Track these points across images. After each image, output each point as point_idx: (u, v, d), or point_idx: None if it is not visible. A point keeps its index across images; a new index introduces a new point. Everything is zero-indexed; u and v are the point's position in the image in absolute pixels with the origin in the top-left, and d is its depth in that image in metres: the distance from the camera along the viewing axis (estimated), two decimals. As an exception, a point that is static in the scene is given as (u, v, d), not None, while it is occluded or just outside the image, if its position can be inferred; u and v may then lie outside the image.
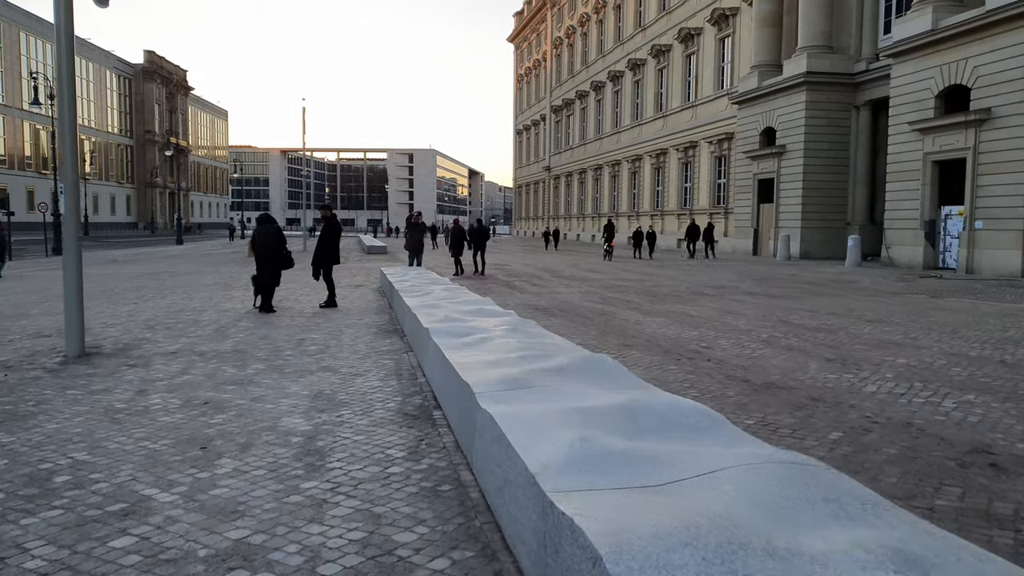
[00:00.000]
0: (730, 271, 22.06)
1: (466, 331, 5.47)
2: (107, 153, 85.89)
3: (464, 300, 7.77)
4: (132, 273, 20.61)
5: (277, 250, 10.96)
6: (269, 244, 10.94)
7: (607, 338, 8.37)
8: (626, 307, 11.87)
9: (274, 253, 10.87)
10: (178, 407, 5.09)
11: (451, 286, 10.15)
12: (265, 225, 11.32)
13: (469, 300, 7.78)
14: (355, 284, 16.42)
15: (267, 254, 10.85)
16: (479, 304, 7.44)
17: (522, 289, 15.47)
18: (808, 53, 28.34)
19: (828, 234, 29.38)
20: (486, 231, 21.38)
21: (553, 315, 10.50)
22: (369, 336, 8.40)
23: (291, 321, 9.81)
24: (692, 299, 13.44)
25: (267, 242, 10.97)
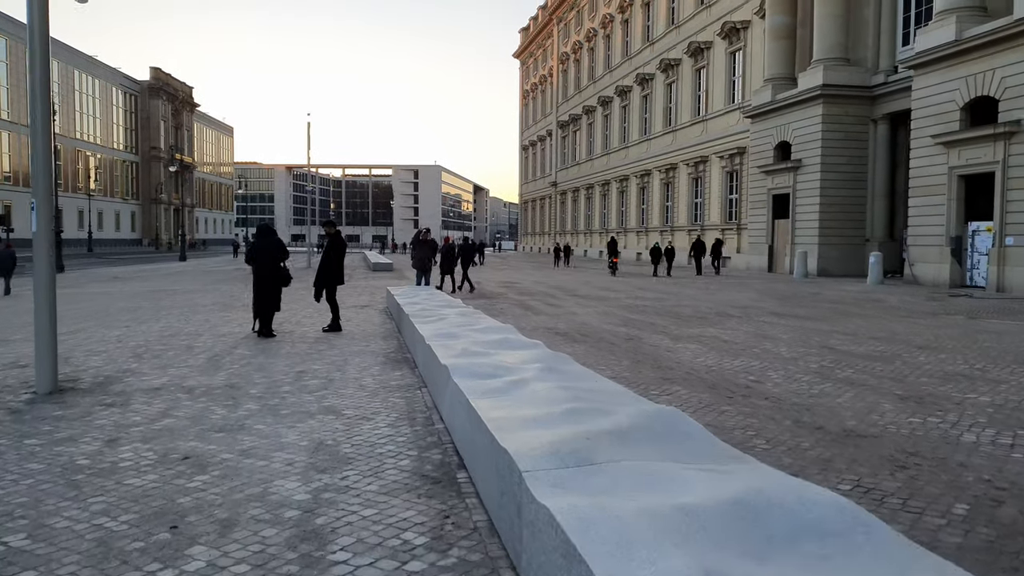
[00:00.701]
0: (749, 289, 21.22)
1: (492, 370, 4.65)
2: (112, 170, 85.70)
3: (484, 328, 6.94)
4: (131, 292, 19.87)
5: (276, 266, 10.14)
6: (269, 260, 10.12)
7: (641, 369, 7.53)
8: (652, 330, 11.03)
9: (273, 269, 10.07)
10: (152, 464, 4.27)
11: (465, 309, 9.33)
12: (264, 239, 10.43)
13: (489, 328, 6.95)
14: (360, 304, 15.61)
15: (266, 273, 10.05)
16: (501, 333, 6.61)
17: (536, 310, 14.64)
18: (824, 65, 27.64)
19: (846, 251, 28.54)
20: (471, 249, 21.82)
21: (576, 341, 9.66)
22: (377, 367, 7.58)
23: (291, 348, 9.00)
24: (719, 321, 12.59)
25: (266, 258, 10.14)
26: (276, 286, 10.05)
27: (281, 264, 10.24)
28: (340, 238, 11.08)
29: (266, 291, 10.02)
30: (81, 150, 78.24)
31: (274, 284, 10.01)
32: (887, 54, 27.48)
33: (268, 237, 10.36)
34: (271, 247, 10.22)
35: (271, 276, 9.98)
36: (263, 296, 10.04)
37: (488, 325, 7.11)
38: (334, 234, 11.04)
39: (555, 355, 5.27)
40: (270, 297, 10.07)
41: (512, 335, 6.49)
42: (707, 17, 39.92)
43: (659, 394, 6.20)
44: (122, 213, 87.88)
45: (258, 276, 10.05)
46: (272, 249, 10.23)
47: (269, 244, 10.25)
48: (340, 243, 11.03)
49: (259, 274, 10.04)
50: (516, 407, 3.59)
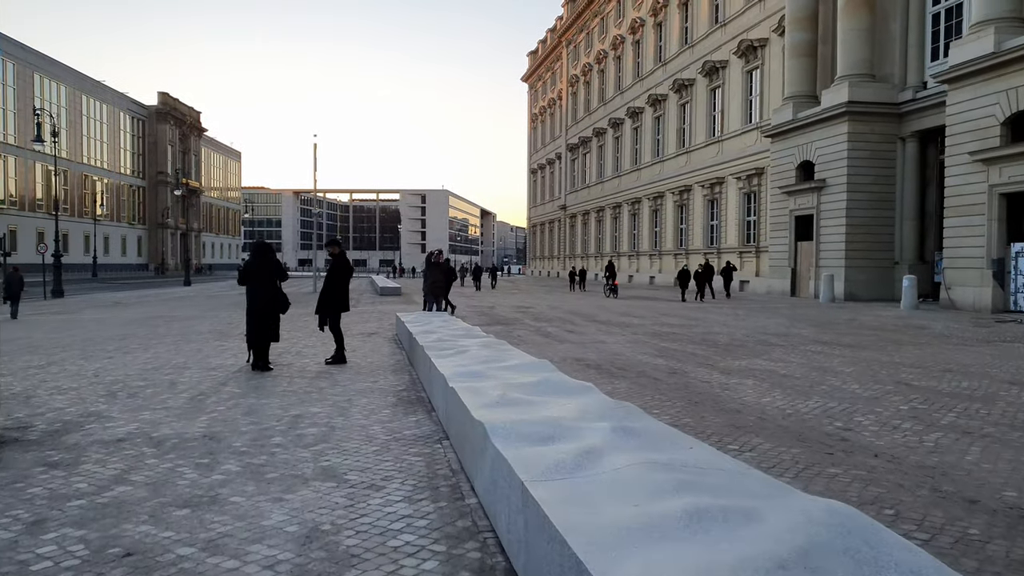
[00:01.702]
0: (777, 314, 19.97)
1: (543, 428, 3.47)
2: (119, 194, 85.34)
3: (516, 364, 5.74)
4: (127, 318, 18.78)
5: (274, 290, 8.97)
6: (263, 283, 8.93)
7: (703, 413, 6.31)
8: (694, 362, 9.81)
9: (269, 294, 8.91)
10: (76, 566, 3.08)
11: (488, 339, 8.15)
12: (259, 258, 9.14)
13: (523, 364, 5.74)
14: (367, 332, 14.44)
15: (261, 297, 8.88)
16: (539, 371, 5.42)
17: (558, 337, 13.44)
18: (850, 81, 26.60)
19: (874, 274, 27.28)
20: (452, 271, 21.92)
21: (614, 376, 8.44)
22: (387, 409, 6.39)
23: (288, 385, 7.81)
24: (763, 351, 11.36)
25: (261, 280, 8.93)
26: (273, 313, 8.87)
27: (278, 287, 9.08)
28: (345, 259, 9.93)
29: (261, 318, 8.84)
30: (88, 175, 77.86)
31: (270, 310, 8.84)
32: (915, 69, 26.45)
33: (263, 256, 9.12)
34: (266, 267, 9.02)
35: (266, 301, 8.81)
36: (258, 324, 8.85)
37: (521, 361, 5.91)
38: (338, 255, 9.90)
39: (619, 405, 4.08)
40: (266, 325, 8.88)
41: (552, 374, 5.30)
42: (722, 36, 39.11)
43: (739, 449, 4.99)
44: (128, 238, 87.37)
45: (251, 301, 8.89)
46: (268, 270, 9.04)
47: (264, 264, 9.06)
48: (345, 265, 9.88)
49: (252, 299, 8.88)
50: (598, 500, 2.41)
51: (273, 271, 9.02)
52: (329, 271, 9.90)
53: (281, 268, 9.25)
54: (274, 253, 9.35)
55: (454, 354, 6.58)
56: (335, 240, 10.13)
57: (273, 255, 9.27)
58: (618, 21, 54.97)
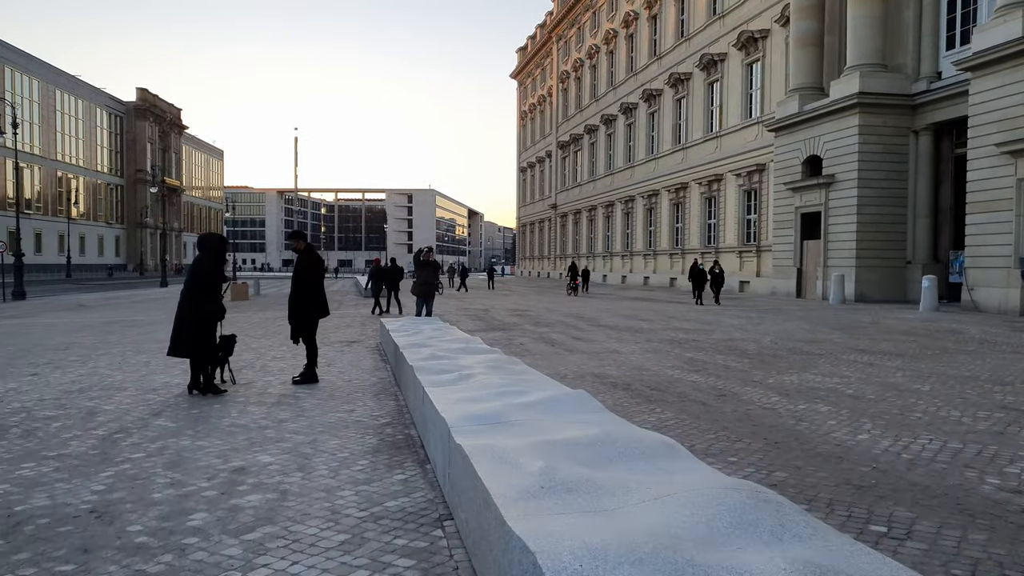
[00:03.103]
0: (792, 318, 18.45)
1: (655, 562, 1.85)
2: (96, 193, 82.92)
3: (545, 400, 4.07)
4: (82, 323, 16.96)
5: (204, 291, 7.14)
6: (197, 284, 7.12)
7: (796, 462, 4.70)
8: (736, 378, 8.21)
9: (198, 297, 7.13)
10: None
11: (492, 353, 6.51)
12: (203, 253, 7.33)
13: (555, 400, 4.07)
14: (347, 340, 12.75)
15: (193, 300, 7.14)
16: (583, 413, 3.77)
17: (566, 346, 11.81)
18: (861, 72, 25.17)
19: (885, 274, 25.88)
20: (400, 271, 22.25)
21: (651, 401, 6.81)
22: (364, 460, 4.71)
23: (239, 416, 6.13)
24: (806, 362, 9.81)
25: (198, 280, 7.14)
26: (210, 320, 7.14)
27: (215, 284, 7.20)
28: (314, 254, 8.22)
29: (196, 330, 7.08)
30: (63, 172, 75.41)
31: (207, 318, 7.10)
32: (929, 59, 25.07)
33: (206, 251, 7.32)
34: (202, 265, 7.20)
35: (202, 306, 7.06)
36: (192, 338, 7.07)
37: (550, 394, 4.19)
38: (304, 250, 8.16)
39: (750, 493, 2.44)
40: (201, 339, 7.08)
41: (606, 419, 3.67)
42: (721, 28, 37.66)
43: (888, 531, 3.37)
44: (106, 237, 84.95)
45: (180, 307, 7.16)
46: (203, 266, 7.17)
47: (200, 261, 7.24)
48: (315, 261, 8.17)
49: (182, 304, 7.15)
50: None
51: (208, 269, 7.21)
52: (295, 270, 8.17)
53: (217, 261, 7.38)
54: (224, 242, 7.46)
55: (455, 380, 4.94)
56: (299, 233, 8.34)
57: (213, 249, 7.35)
58: (610, 15, 53.46)
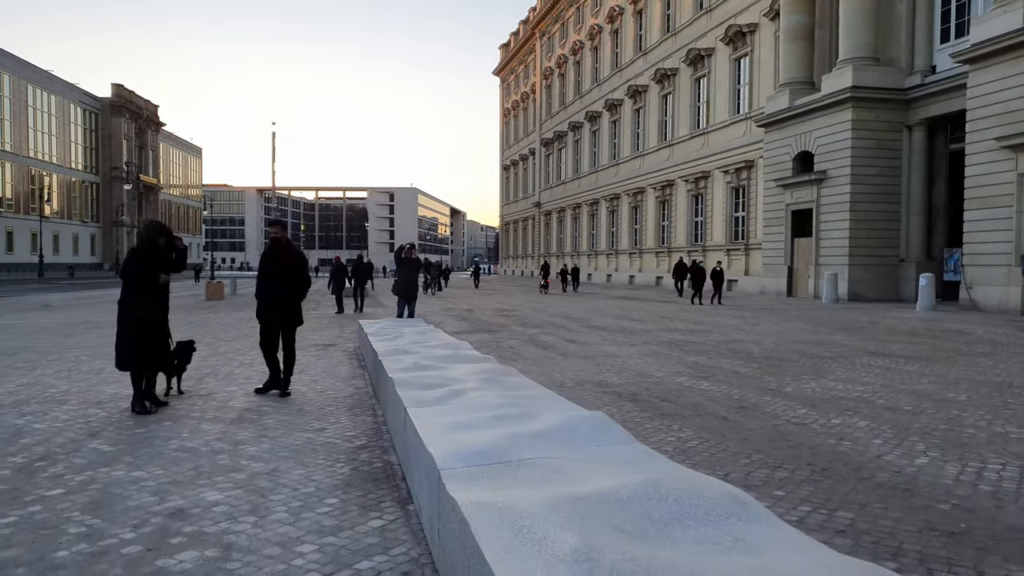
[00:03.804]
0: (789, 317, 17.80)
1: None
2: (70, 190, 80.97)
3: (557, 426, 3.27)
4: (41, 325, 15.91)
5: (139, 290, 6.15)
6: (129, 282, 6.14)
7: (856, 495, 3.92)
8: (751, 386, 7.46)
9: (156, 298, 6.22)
10: None
11: (484, 363, 5.69)
12: (143, 250, 6.23)
13: (568, 424, 3.26)
14: (323, 343, 11.86)
15: (123, 303, 6.16)
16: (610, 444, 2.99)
17: (558, 349, 11.01)
18: (854, 65, 24.62)
19: (878, 272, 25.37)
20: (369, 268, 21.93)
21: (664, 414, 6.01)
22: (333, 499, 3.82)
23: (189, 437, 5.25)
24: (819, 367, 9.10)
25: (125, 279, 6.15)
26: (138, 325, 6.11)
27: (143, 282, 6.15)
28: (292, 248, 7.18)
29: (126, 338, 6.07)
30: (36, 169, 73.50)
31: (135, 323, 6.10)
32: (923, 52, 24.58)
33: (147, 246, 6.23)
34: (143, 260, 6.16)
35: (148, 308, 6.14)
36: (123, 347, 6.08)
37: (562, 417, 3.38)
38: (284, 242, 7.07)
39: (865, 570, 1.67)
40: (132, 348, 6.05)
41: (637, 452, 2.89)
42: (708, 22, 37.08)
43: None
44: (81, 236, 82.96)
45: (122, 310, 6.18)
46: (139, 259, 6.15)
47: (140, 257, 6.18)
48: (295, 258, 7.12)
49: (122, 307, 6.18)
50: None
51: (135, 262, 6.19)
52: (287, 263, 7.00)
53: (155, 255, 6.26)
54: (169, 233, 6.40)
55: (444, 397, 4.12)
56: (278, 221, 7.16)
57: (162, 237, 6.31)
58: (595, 10, 52.77)
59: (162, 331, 6.32)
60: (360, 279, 20.87)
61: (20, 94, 71.02)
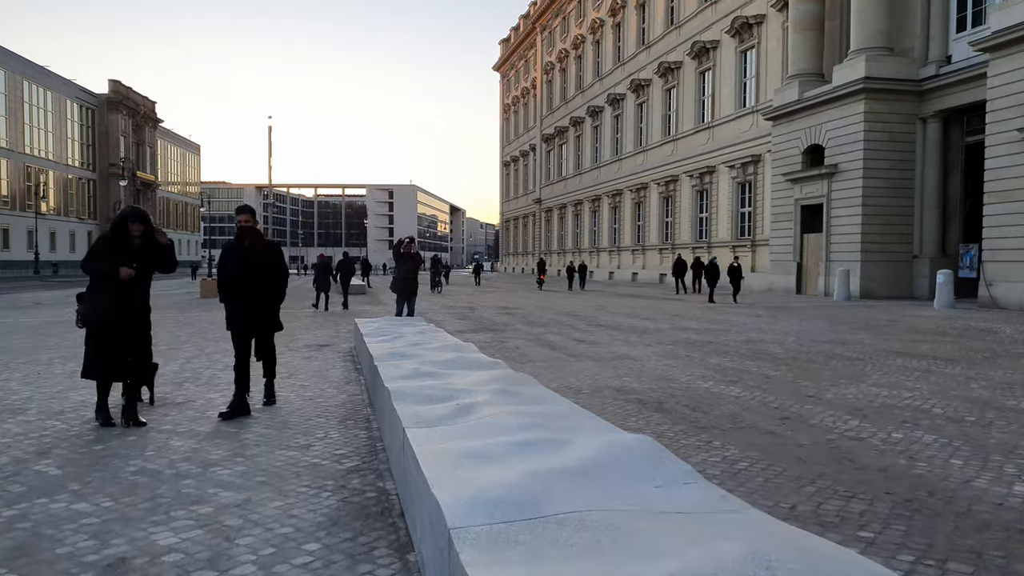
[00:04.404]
0: (803, 316, 17.08)
1: None
2: (67, 187, 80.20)
3: (597, 457, 2.56)
4: (24, 324, 15.19)
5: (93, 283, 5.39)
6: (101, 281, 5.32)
7: (964, 539, 3.11)
8: (786, 392, 6.74)
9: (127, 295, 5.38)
10: None
11: (497, 369, 4.97)
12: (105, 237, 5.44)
13: (610, 455, 2.54)
14: (317, 343, 11.15)
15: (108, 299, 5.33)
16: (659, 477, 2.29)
17: (570, 350, 10.29)
18: (867, 56, 23.88)
19: (891, 269, 24.64)
20: (351, 265, 21.83)
21: (699, 427, 5.28)
22: (314, 542, 2.97)
23: (155, 457, 4.52)
24: (852, 370, 8.39)
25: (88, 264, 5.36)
26: (120, 328, 5.33)
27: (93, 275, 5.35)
28: (263, 240, 6.16)
29: (95, 338, 5.28)
30: (32, 166, 72.74)
31: (112, 324, 5.29)
32: (938, 42, 23.83)
33: (112, 231, 5.41)
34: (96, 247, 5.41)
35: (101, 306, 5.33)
36: (91, 348, 5.29)
37: (603, 443, 2.66)
38: (252, 231, 5.99)
39: None
40: (103, 349, 5.25)
41: (705, 500, 2.17)
42: (713, 14, 36.31)
43: None
44: (78, 233, 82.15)
45: (96, 308, 5.34)
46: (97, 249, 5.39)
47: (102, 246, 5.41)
48: (269, 251, 6.10)
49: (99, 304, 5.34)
50: None
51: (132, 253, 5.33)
52: (238, 258, 5.94)
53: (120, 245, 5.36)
54: (147, 219, 5.49)
55: (450, 415, 3.41)
56: (246, 207, 6.07)
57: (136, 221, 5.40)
58: (596, 3, 51.99)
59: (131, 336, 5.46)
60: (345, 276, 21.11)
61: (16, 90, 70.24)
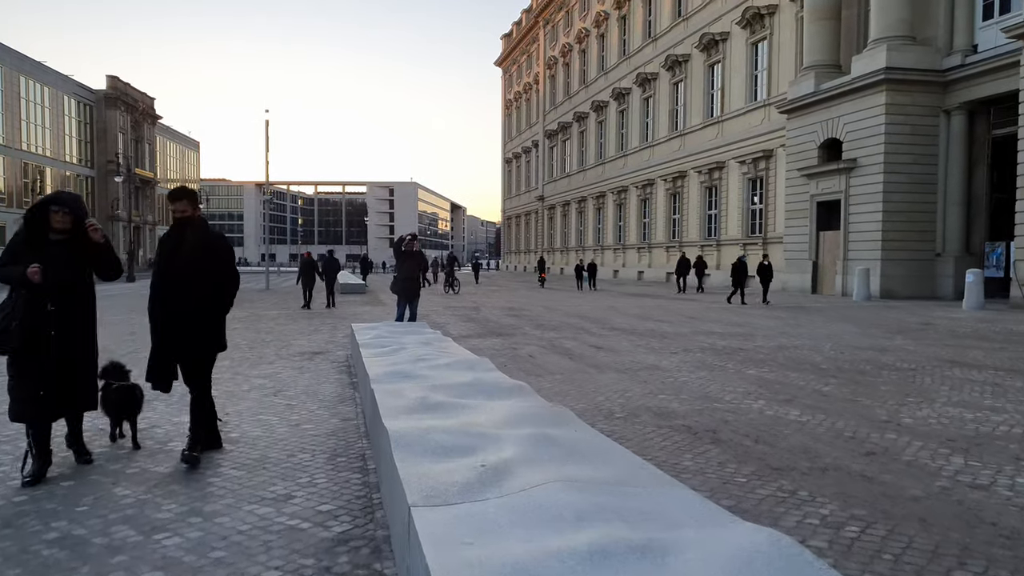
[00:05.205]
0: (830, 318, 16.07)
1: None
2: (64, 184, 79.19)
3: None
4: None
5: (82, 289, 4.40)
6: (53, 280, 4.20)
7: None
8: (857, 416, 5.75)
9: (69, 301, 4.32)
10: None
11: (522, 397, 3.99)
12: (18, 231, 4.40)
13: (750, 568, 1.63)
14: (310, 350, 10.15)
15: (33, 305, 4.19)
16: None
17: (589, 359, 9.29)
18: (888, 45, 22.84)
19: (912, 268, 23.61)
20: (336, 263, 22.12)
21: (772, 469, 4.26)
22: None
23: (83, 514, 3.51)
24: (911, 383, 7.42)
25: None
26: (35, 350, 4.17)
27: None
28: (207, 228, 4.82)
29: (11, 363, 4.22)
30: (28, 162, 71.77)
31: (22, 343, 4.15)
32: (963, 30, 22.80)
33: (27, 222, 4.33)
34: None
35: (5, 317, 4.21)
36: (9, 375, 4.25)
37: (727, 551, 1.74)
38: (198, 222, 4.76)
39: None
40: (21, 377, 4.21)
41: None
42: (723, 5, 35.24)
43: None
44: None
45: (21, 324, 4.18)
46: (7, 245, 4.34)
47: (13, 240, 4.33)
48: (210, 245, 4.74)
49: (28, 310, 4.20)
50: None
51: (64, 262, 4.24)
52: (172, 256, 4.62)
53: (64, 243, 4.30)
54: (71, 206, 4.35)
55: (474, 482, 2.38)
56: (184, 190, 4.83)
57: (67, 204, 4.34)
58: (601, -4, 50.92)
59: (61, 360, 4.24)
60: (330, 275, 21.10)
61: (12, 85, 69.19)
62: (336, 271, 21.94)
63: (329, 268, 21.25)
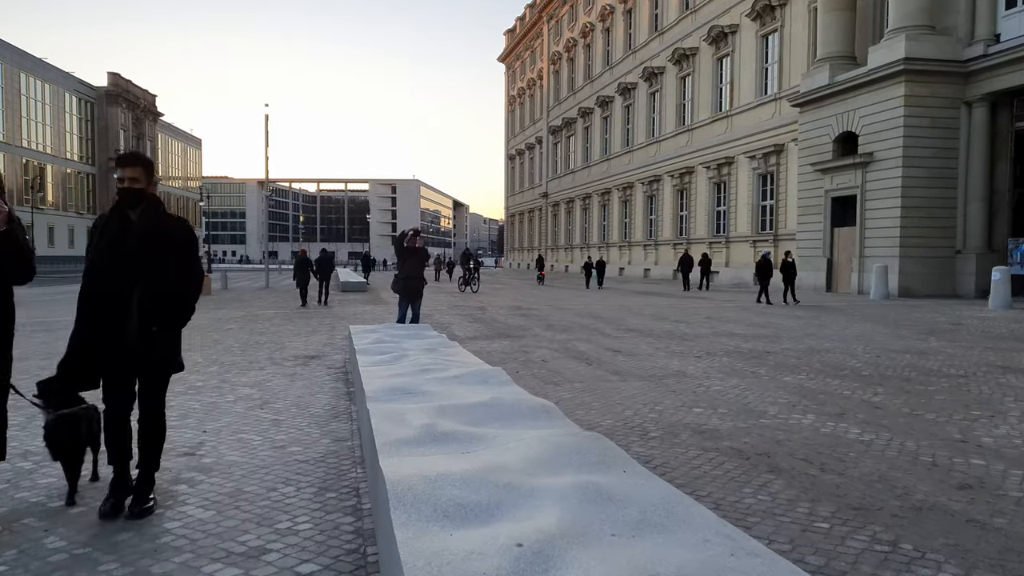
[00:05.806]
0: (853, 318, 15.31)
1: None
2: (65, 181, 78.66)
3: None
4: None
5: None
6: None
7: None
8: (926, 435, 5.02)
9: None
10: None
11: (547, 423, 3.28)
12: None
13: None
14: (305, 355, 9.42)
15: None
16: None
17: (610, 365, 8.54)
18: (906, 35, 22.04)
19: (932, 265, 22.83)
20: (330, 261, 22.02)
21: (853, 508, 3.47)
22: None
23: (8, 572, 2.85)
24: (973, 394, 6.70)
25: None
26: None
27: None
28: (163, 215, 3.62)
29: None
30: (29, 159, 71.24)
31: None
32: (985, 19, 22.00)
33: None
34: None
35: None
36: None
37: None
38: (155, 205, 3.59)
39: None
40: None
41: None
42: (732, -4, 34.43)
43: None
44: (77, 228, 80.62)
45: None
46: None
47: None
48: (163, 231, 3.54)
49: None
50: None
51: None
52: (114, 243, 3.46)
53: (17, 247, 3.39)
54: None
55: (506, 569, 1.69)
56: (134, 155, 3.62)
57: None
58: (607, -11, 50.11)
59: None
60: (324, 272, 21.14)
61: (12, 82, 68.66)
62: (331, 269, 21.92)
63: (323, 265, 21.26)
